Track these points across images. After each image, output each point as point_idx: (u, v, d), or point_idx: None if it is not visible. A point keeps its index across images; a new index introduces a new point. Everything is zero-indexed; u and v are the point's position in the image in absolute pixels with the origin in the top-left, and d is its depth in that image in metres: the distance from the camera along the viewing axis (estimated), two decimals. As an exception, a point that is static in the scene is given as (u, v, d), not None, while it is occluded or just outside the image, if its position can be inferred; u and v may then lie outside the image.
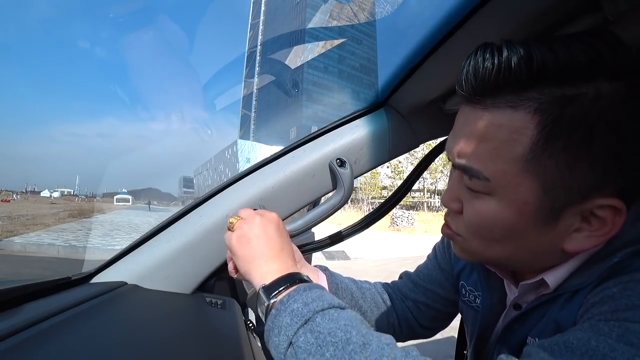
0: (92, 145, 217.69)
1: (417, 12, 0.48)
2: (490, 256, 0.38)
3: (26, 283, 0.49)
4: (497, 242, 0.35)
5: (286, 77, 3.23)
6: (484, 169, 0.32)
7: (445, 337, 2.99)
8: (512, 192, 0.32)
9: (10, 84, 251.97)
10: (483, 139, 0.32)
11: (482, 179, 0.32)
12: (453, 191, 0.38)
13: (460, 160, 0.34)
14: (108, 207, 23.49)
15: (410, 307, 0.60)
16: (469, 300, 0.53)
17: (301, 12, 72.59)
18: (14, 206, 20.58)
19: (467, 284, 0.53)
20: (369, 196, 28.10)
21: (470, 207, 0.36)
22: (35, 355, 0.34)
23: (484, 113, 0.31)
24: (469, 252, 0.39)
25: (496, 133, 0.31)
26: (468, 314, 0.54)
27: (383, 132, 0.60)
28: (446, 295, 0.58)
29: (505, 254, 0.36)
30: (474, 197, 0.35)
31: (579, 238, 0.32)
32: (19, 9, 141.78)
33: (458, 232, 0.39)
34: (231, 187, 0.60)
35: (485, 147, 0.32)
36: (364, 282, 0.63)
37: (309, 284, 0.36)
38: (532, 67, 0.28)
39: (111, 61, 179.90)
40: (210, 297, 0.61)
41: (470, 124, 0.33)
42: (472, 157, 0.33)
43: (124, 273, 0.57)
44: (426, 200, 31.14)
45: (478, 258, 0.40)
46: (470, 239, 0.37)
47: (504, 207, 0.33)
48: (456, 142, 0.35)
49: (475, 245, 0.37)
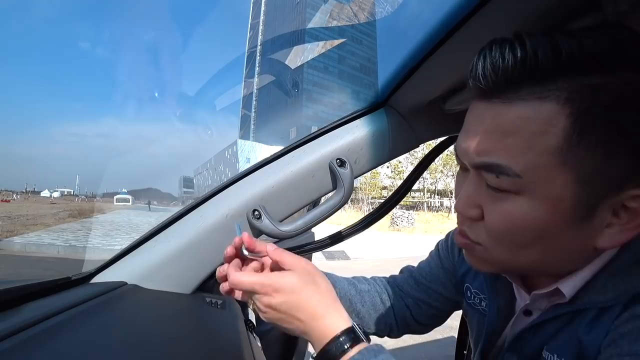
0: (92, 145, 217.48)
1: (417, 12, 0.48)
2: (517, 264, 0.35)
3: (26, 283, 0.49)
4: (525, 247, 0.33)
5: (286, 77, 3.24)
6: (515, 164, 0.29)
7: (445, 337, 2.99)
8: (545, 188, 0.30)
9: (11, 84, 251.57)
10: (509, 134, 0.29)
11: (513, 175, 0.30)
12: (470, 196, 0.34)
13: (483, 158, 0.31)
14: (108, 207, 23.50)
15: (410, 304, 0.60)
16: (474, 303, 0.51)
17: (301, 12, 72.53)
18: (14, 206, 20.59)
19: (472, 286, 0.51)
20: (369, 196, 28.09)
21: (494, 211, 0.33)
22: (35, 355, 0.34)
23: (507, 107, 0.30)
24: (491, 262, 0.36)
25: (525, 126, 0.29)
26: (473, 317, 0.52)
27: (383, 132, 0.60)
28: (447, 295, 0.57)
29: (533, 259, 0.33)
30: (498, 199, 0.32)
31: (611, 233, 0.31)
32: (19, 9, 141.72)
33: (478, 241, 0.35)
34: (231, 187, 0.60)
35: (513, 142, 0.29)
36: (364, 281, 0.63)
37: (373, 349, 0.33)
38: (560, 57, 0.27)
39: (111, 61, 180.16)
40: (210, 297, 0.61)
41: (489, 120, 0.31)
42: (498, 153, 0.30)
43: (124, 273, 0.57)
44: (426, 200, 31.14)
45: (501, 268, 0.38)
46: (493, 247, 0.34)
47: (537, 205, 0.30)
48: (473, 140, 0.32)
49: (499, 254, 0.34)
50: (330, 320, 0.35)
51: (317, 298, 0.36)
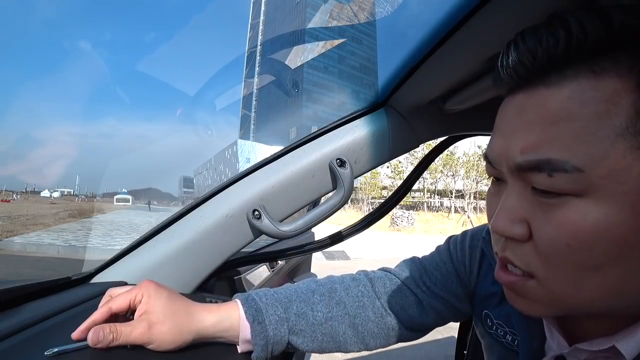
0: (92, 145, 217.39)
1: (417, 12, 0.48)
2: (584, 299, 0.25)
3: (26, 283, 0.49)
4: (596, 270, 0.24)
5: (286, 77, 3.23)
6: (571, 156, 0.23)
7: (445, 337, 2.99)
8: (619, 183, 0.22)
9: (11, 83, 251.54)
10: (560, 121, 0.23)
11: (571, 170, 0.23)
12: (512, 208, 0.26)
13: (529, 155, 0.25)
14: (108, 207, 23.50)
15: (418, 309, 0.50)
16: (496, 334, 0.42)
17: (301, 12, 72.54)
18: (14, 206, 20.58)
19: (493, 315, 0.43)
20: (369, 196, 28.11)
21: (547, 223, 0.25)
22: (35, 355, 0.34)
23: (555, 91, 0.24)
24: (549, 300, 0.27)
25: (580, 108, 0.23)
26: (494, 348, 0.44)
27: (383, 132, 0.60)
28: (459, 307, 0.48)
29: (608, 290, 0.24)
30: (553, 207, 0.24)
31: None
32: (19, 8, 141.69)
33: (529, 271, 0.26)
34: (231, 187, 0.60)
35: (567, 129, 0.23)
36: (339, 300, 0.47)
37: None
38: (611, 26, 0.22)
39: (111, 61, 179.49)
40: (210, 297, 0.61)
41: (531, 110, 0.25)
42: (550, 146, 0.24)
43: (124, 273, 0.57)
44: (426, 200, 31.14)
45: (563, 308, 0.27)
46: (551, 277, 0.25)
47: (609, 208, 0.23)
48: (512, 137, 0.26)
49: (560, 286, 0.25)
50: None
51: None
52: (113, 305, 0.38)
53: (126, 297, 0.39)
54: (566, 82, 0.24)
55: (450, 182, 29.19)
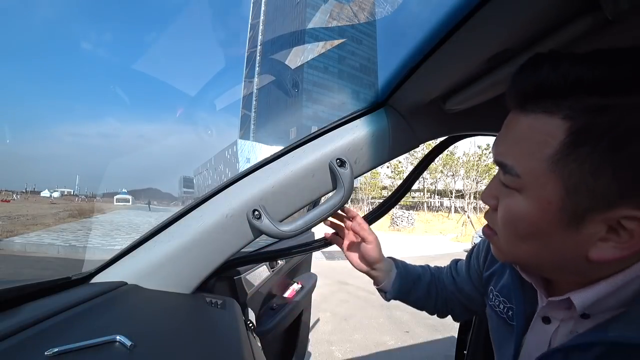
0: (92, 145, 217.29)
1: (417, 11, 0.48)
2: (519, 255, 0.39)
3: (26, 283, 0.49)
4: (523, 240, 0.37)
5: (286, 77, 3.23)
6: (517, 165, 0.35)
7: (445, 337, 2.99)
8: (538, 190, 0.34)
9: (11, 83, 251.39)
10: (520, 140, 0.35)
11: (514, 174, 0.35)
12: (491, 188, 0.41)
13: (499, 157, 0.38)
14: (108, 207, 23.49)
15: (448, 296, 0.70)
16: (494, 305, 0.55)
17: (301, 12, 72.56)
18: (14, 206, 20.56)
19: (495, 289, 0.55)
20: (369, 196, 28.07)
21: (502, 203, 0.38)
22: (35, 355, 0.34)
23: (524, 117, 0.35)
24: (502, 251, 0.41)
25: (532, 135, 0.34)
26: (492, 319, 0.56)
27: (383, 132, 0.60)
28: (474, 295, 0.64)
29: (532, 254, 0.38)
30: (507, 194, 0.37)
31: (603, 247, 0.33)
32: (19, 8, 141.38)
33: (495, 229, 0.41)
34: (231, 187, 0.60)
35: (521, 147, 0.35)
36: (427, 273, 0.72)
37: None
38: (567, 79, 0.31)
39: (111, 61, 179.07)
40: (210, 297, 0.61)
41: (511, 126, 0.37)
42: (508, 155, 0.36)
43: (124, 273, 0.57)
44: (426, 200, 31.12)
45: (509, 258, 0.42)
46: (502, 237, 0.39)
47: (530, 204, 0.35)
48: (499, 142, 0.39)
49: (504, 243, 0.39)
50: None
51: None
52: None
53: None
54: (532, 114, 0.34)
55: (450, 182, 29.18)
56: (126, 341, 0.38)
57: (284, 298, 1.17)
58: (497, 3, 0.32)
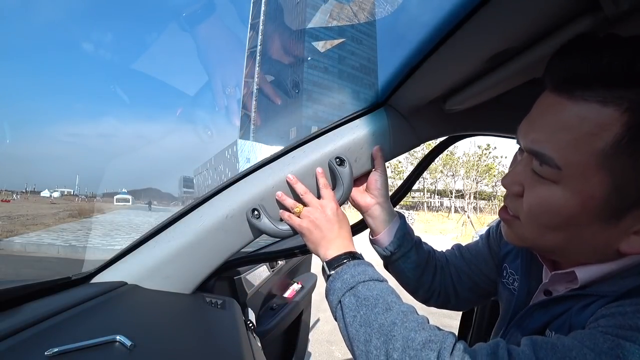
0: (92, 145, 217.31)
1: (417, 12, 0.48)
2: (542, 244, 0.38)
3: (26, 283, 0.49)
4: (552, 230, 0.36)
5: (286, 77, 3.23)
6: (558, 157, 0.32)
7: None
8: (580, 184, 0.32)
9: (11, 83, 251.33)
10: (563, 129, 0.32)
11: (554, 166, 0.33)
12: (517, 174, 0.38)
13: (534, 145, 0.35)
14: (108, 207, 23.49)
15: (452, 272, 0.64)
16: (507, 282, 0.54)
17: (301, 12, 72.48)
18: (14, 206, 20.56)
19: (509, 267, 0.55)
20: (369, 196, 28.01)
21: (532, 191, 0.36)
22: (35, 355, 0.34)
23: (570, 104, 0.32)
24: (522, 237, 0.39)
25: (580, 125, 0.31)
26: (503, 294, 0.55)
27: (383, 131, 0.60)
28: (487, 272, 0.61)
29: (558, 242, 0.36)
30: (539, 183, 0.35)
31: (636, 240, 0.32)
32: (19, 8, 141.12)
33: (517, 215, 0.39)
34: (231, 187, 0.60)
35: (564, 137, 0.32)
36: (426, 244, 0.67)
37: (359, 261, 0.47)
38: (633, 69, 0.28)
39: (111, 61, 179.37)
40: (210, 297, 0.61)
41: (552, 112, 0.33)
42: (547, 144, 0.33)
43: (124, 273, 0.57)
44: (426, 200, 31.12)
45: (529, 244, 0.40)
46: (526, 224, 0.38)
47: (569, 197, 0.33)
48: (533, 127, 0.35)
49: (529, 231, 0.38)
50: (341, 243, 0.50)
51: (344, 227, 0.52)
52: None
53: None
54: (582, 101, 0.31)
55: (450, 182, 29.18)
56: (126, 341, 0.38)
57: (284, 298, 1.17)
58: (497, 3, 0.32)
